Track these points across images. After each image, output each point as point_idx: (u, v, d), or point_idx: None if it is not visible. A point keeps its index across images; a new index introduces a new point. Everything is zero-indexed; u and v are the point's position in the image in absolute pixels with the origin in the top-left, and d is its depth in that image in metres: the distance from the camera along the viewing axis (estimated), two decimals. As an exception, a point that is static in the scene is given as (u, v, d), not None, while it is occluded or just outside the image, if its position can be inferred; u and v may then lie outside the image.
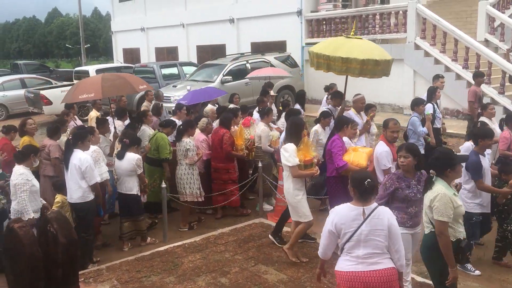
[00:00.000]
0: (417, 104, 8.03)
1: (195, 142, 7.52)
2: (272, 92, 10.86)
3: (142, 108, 10.05)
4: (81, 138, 6.20)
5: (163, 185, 6.85)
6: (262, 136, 7.83)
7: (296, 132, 5.78)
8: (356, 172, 4.24)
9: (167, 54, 24.96)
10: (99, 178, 6.20)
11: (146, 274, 5.78)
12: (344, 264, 3.76)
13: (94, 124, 8.20)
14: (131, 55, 27.85)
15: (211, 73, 14.63)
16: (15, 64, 27.72)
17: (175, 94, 13.27)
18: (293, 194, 5.76)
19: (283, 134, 6.64)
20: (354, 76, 7.32)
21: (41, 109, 16.77)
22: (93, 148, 6.47)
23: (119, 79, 7.90)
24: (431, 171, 4.52)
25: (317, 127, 7.76)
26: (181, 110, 8.90)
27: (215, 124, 8.28)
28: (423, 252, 4.30)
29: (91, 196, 6.07)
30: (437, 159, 4.25)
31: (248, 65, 14.70)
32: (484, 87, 11.68)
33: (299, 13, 17.43)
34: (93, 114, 9.74)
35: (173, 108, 9.61)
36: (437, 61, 13.18)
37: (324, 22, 16.91)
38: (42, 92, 16.50)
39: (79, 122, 8.76)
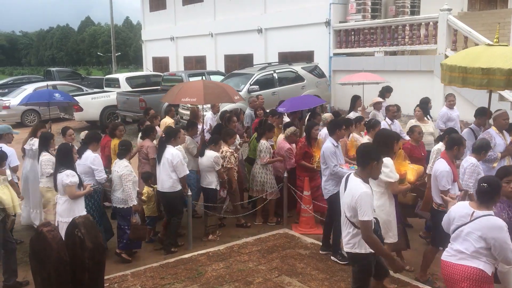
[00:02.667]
0: None
1: (278, 150, 7.79)
2: (379, 99, 10.44)
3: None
4: (174, 135, 6.99)
5: (189, 192, 6.90)
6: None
7: (387, 144, 5.36)
8: (484, 176, 4.48)
9: (196, 63, 25.23)
10: (188, 171, 6.94)
11: (170, 281, 5.80)
12: (444, 253, 4.21)
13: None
14: (160, 63, 28.28)
15: (238, 82, 14.70)
16: (48, 71, 28.47)
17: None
18: (389, 211, 5.39)
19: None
20: (499, 89, 6.45)
21: (72, 115, 17.15)
22: (177, 147, 7.10)
23: (218, 88, 8.44)
24: None
25: (440, 145, 6.70)
26: (274, 116, 9.19)
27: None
28: None
29: (179, 187, 6.81)
30: None
31: (275, 74, 14.72)
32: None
33: (328, 23, 17.40)
34: (167, 120, 9.82)
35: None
36: (468, 73, 12.93)
37: (352, 33, 16.83)
38: (73, 98, 16.84)
39: (159, 130, 8.87)
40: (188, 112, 13.63)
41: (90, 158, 6.57)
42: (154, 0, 28.29)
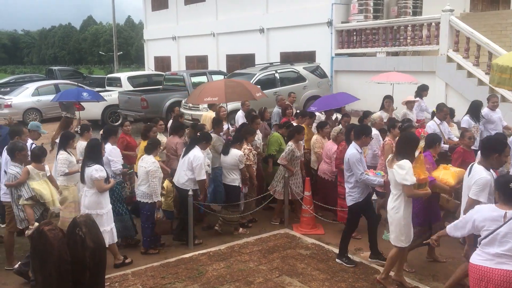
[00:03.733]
0: None
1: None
2: (412, 98, 10.06)
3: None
4: (207, 139, 7.22)
5: (190, 192, 6.90)
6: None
7: (408, 147, 5.27)
8: (501, 176, 4.43)
9: (197, 63, 25.26)
10: (205, 177, 7.03)
11: (171, 280, 5.81)
12: (475, 258, 4.08)
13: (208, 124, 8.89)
14: (162, 63, 28.31)
15: (240, 82, 14.72)
16: (50, 69, 28.49)
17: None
18: (403, 215, 5.28)
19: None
20: None
21: (73, 114, 17.12)
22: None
23: (239, 86, 8.56)
24: None
25: None
26: (304, 117, 8.96)
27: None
28: None
29: (191, 186, 6.90)
30: None
31: (277, 74, 14.73)
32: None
33: (330, 23, 17.41)
34: (209, 114, 9.82)
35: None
36: (470, 74, 12.94)
37: (354, 33, 16.84)
38: (75, 97, 16.84)
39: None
40: (189, 112, 13.77)
41: (108, 150, 6.90)
42: (156, 0, 28.33)
